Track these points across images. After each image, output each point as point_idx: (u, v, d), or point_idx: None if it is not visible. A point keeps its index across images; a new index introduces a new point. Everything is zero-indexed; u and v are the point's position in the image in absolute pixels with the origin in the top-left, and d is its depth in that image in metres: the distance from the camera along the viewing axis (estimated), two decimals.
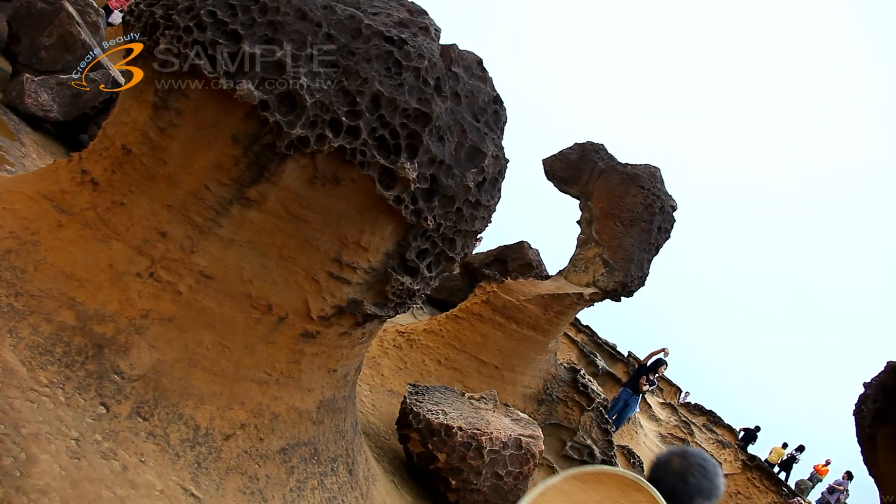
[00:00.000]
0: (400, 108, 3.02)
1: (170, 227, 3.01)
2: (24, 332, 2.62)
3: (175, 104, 2.99)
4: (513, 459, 4.79)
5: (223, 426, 2.99)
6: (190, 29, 2.91)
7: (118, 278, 2.92)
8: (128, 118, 3.17)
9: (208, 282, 3.05)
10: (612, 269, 7.52)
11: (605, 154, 8.04)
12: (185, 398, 2.90)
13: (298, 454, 3.31)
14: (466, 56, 3.50)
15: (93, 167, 3.16)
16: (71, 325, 2.75)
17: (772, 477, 12.88)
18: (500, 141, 3.61)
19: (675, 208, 7.86)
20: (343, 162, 3.02)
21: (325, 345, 3.46)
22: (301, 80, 2.88)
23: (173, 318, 2.97)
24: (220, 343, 3.07)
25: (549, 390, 7.71)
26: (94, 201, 3.05)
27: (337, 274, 3.26)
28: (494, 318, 7.43)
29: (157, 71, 3.01)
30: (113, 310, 2.86)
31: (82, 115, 6.53)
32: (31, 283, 2.78)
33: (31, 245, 2.91)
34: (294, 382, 3.36)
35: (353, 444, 3.91)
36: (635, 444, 13.31)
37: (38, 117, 6.24)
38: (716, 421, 21.76)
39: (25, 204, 3.09)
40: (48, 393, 2.50)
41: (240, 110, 2.92)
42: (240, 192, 3.02)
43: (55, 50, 7.01)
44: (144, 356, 2.85)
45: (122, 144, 3.10)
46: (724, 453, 17.92)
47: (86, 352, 2.72)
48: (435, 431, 4.71)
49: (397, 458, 5.16)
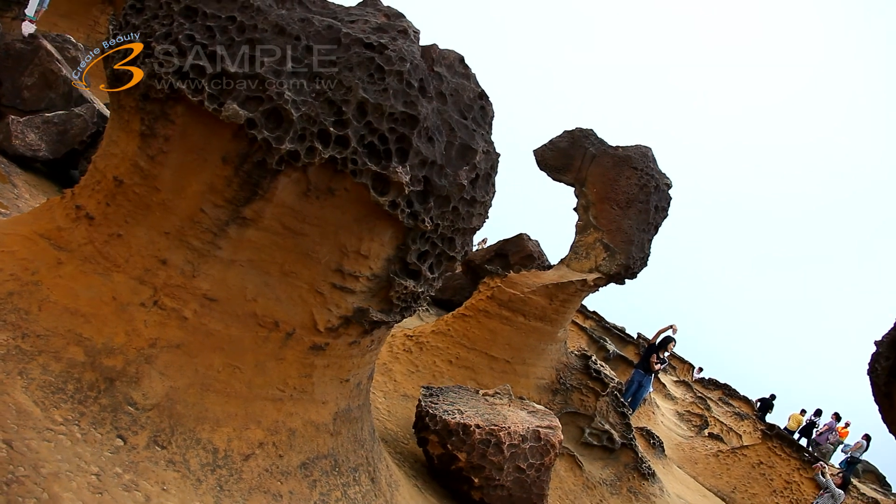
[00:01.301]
0: (386, 112, 3.02)
1: (169, 254, 3.00)
2: (34, 373, 2.62)
3: (162, 131, 2.99)
4: (533, 452, 4.79)
5: (241, 447, 2.99)
6: (170, 55, 2.91)
7: (123, 310, 2.92)
8: (117, 149, 3.17)
9: (213, 304, 3.05)
10: (613, 252, 7.51)
11: (595, 139, 8.03)
12: (200, 422, 2.90)
13: (319, 467, 3.31)
14: (448, 55, 3.49)
15: (86, 202, 3.16)
16: (80, 361, 2.75)
17: (793, 444, 12.88)
18: (490, 136, 3.61)
19: (669, 186, 7.86)
20: (335, 172, 3.02)
21: (335, 356, 3.46)
22: (285, 94, 2.87)
23: (181, 345, 2.97)
24: (230, 364, 3.07)
25: (563, 379, 7.71)
26: (91, 236, 3.05)
27: (340, 284, 3.26)
28: (501, 313, 7.43)
29: (141, 99, 3.00)
30: (120, 342, 2.86)
31: (71, 150, 6.52)
32: (36, 323, 2.78)
33: (33, 285, 2.91)
34: (308, 396, 3.36)
35: (373, 451, 3.91)
36: (653, 424, 13.33)
37: (27, 158, 6.24)
38: (731, 393, 21.79)
39: (23, 245, 3.09)
40: (64, 431, 2.50)
41: (227, 131, 2.92)
42: (235, 212, 3.02)
43: (38, 89, 7.01)
44: (156, 385, 2.85)
45: (114, 176, 3.10)
46: (742, 425, 17.94)
47: (98, 386, 2.72)
48: (453, 431, 4.71)
49: (418, 461, 5.16)
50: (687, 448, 13.43)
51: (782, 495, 11.98)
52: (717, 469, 12.52)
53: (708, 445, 13.54)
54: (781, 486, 12.07)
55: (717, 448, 13.25)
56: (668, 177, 7.87)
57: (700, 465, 12.57)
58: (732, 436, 16.42)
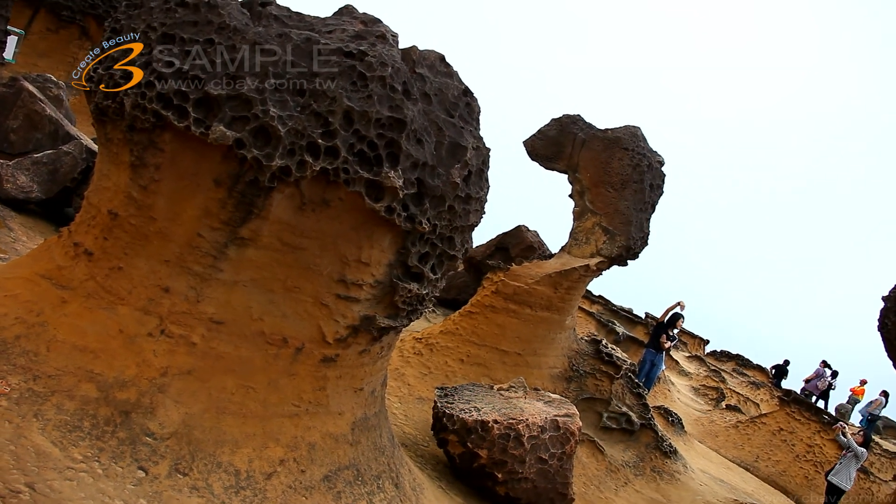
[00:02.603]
0: (373, 119, 3.02)
1: (171, 282, 3.01)
2: (49, 414, 2.62)
3: (152, 160, 2.99)
4: (553, 441, 4.79)
5: (263, 466, 2.99)
6: (152, 83, 2.91)
7: (131, 342, 2.92)
8: (109, 183, 3.17)
9: (220, 327, 3.05)
10: (612, 235, 7.51)
11: (583, 124, 8.02)
12: (220, 446, 2.90)
13: (342, 478, 3.32)
14: (428, 55, 3.49)
15: (84, 238, 3.16)
16: (94, 397, 2.75)
17: (811, 407, 12.88)
18: (478, 131, 3.61)
19: (662, 163, 7.85)
20: (328, 183, 3.02)
21: (346, 366, 3.46)
22: (270, 111, 2.87)
23: (193, 370, 2.97)
24: (243, 385, 3.07)
25: (575, 366, 7.71)
26: (92, 271, 3.05)
27: (344, 294, 3.26)
28: (507, 307, 7.43)
29: (128, 131, 3.01)
30: (132, 374, 2.86)
31: (63, 189, 6.52)
32: (46, 363, 2.78)
33: (39, 326, 2.91)
34: (324, 409, 3.36)
35: (394, 457, 3.91)
36: (670, 402, 13.34)
37: (20, 200, 6.24)
38: (745, 363, 21.80)
39: (25, 287, 3.09)
40: (85, 468, 2.50)
41: (216, 153, 2.92)
42: (233, 233, 3.02)
43: (23, 131, 7.01)
44: (172, 413, 2.85)
45: (109, 210, 3.10)
46: (758, 393, 17.94)
47: (114, 420, 2.72)
48: (471, 429, 4.71)
49: (440, 463, 5.16)
50: (706, 422, 13.44)
51: (805, 459, 11.99)
52: (737, 440, 12.52)
53: (727, 417, 13.54)
54: (804, 450, 12.08)
55: (735, 419, 13.25)
56: (660, 154, 7.87)
57: (721, 437, 12.58)
58: (750, 405, 16.42)
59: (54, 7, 13.88)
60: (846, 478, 8.74)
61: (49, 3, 13.81)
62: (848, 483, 8.76)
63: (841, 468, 8.81)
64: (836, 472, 8.85)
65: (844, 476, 8.74)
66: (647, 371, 9.92)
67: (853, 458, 8.70)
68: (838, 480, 8.77)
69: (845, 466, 8.77)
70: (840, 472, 8.79)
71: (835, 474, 8.85)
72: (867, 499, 11.22)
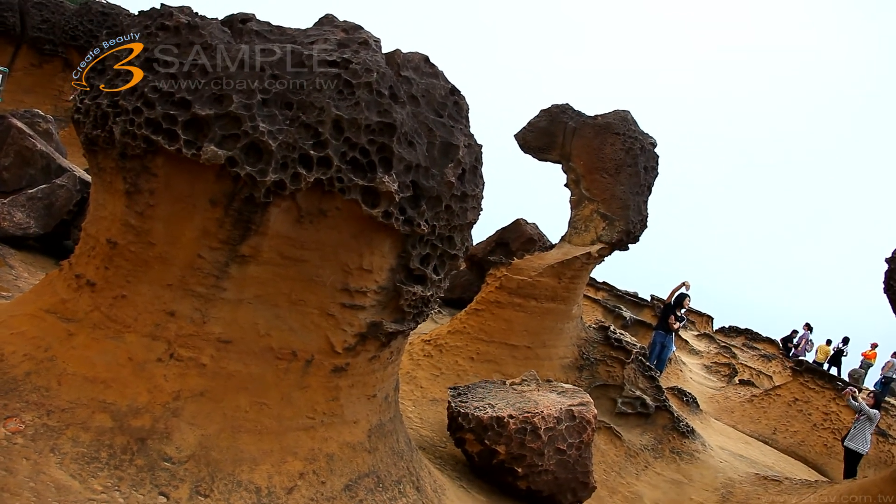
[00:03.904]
0: (363, 125, 3.02)
1: (176, 305, 3.01)
2: (66, 447, 2.62)
3: (146, 185, 2.99)
4: (570, 431, 4.79)
5: (283, 481, 2.99)
6: (139, 109, 2.91)
7: (141, 369, 2.92)
8: (105, 212, 3.17)
9: (228, 346, 3.05)
10: (611, 220, 7.51)
11: (572, 112, 8.02)
12: (238, 464, 2.90)
13: (363, 486, 3.32)
14: (412, 57, 3.49)
15: (85, 269, 3.16)
16: (109, 426, 2.75)
17: (824, 375, 12.86)
18: (469, 129, 3.61)
19: (654, 145, 7.84)
20: (323, 193, 3.02)
21: (357, 374, 3.46)
22: (260, 126, 2.87)
23: (205, 392, 2.97)
24: (256, 402, 3.07)
25: (586, 354, 7.71)
26: (96, 302, 3.05)
27: (349, 303, 3.26)
28: (513, 301, 7.43)
29: (119, 158, 3.01)
30: (144, 400, 2.86)
31: (60, 222, 6.53)
32: (58, 397, 2.79)
33: (48, 361, 2.91)
34: (339, 419, 3.36)
35: (413, 461, 3.91)
36: (683, 381, 13.32)
37: (18, 237, 6.25)
38: (754, 337, 21.78)
39: (31, 323, 3.09)
40: (106, 498, 2.51)
41: (210, 173, 2.92)
42: (233, 251, 3.02)
43: (16, 168, 7.01)
44: (188, 436, 2.85)
45: (107, 239, 3.10)
46: (770, 366, 17.93)
47: (130, 448, 2.72)
48: (488, 426, 4.71)
49: (459, 462, 5.16)
50: (720, 399, 13.42)
51: (823, 427, 11.97)
52: (754, 414, 12.50)
53: (741, 392, 13.53)
54: (820, 418, 12.06)
55: (750, 393, 13.24)
56: (652, 136, 7.86)
57: (736, 413, 12.56)
58: (763, 378, 16.41)
59: (36, 42, 13.90)
60: (862, 441, 8.75)
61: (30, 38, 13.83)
62: (865, 446, 8.77)
63: (856, 432, 8.82)
64: (852, 436, 8.85)
65: (861, 440, 8.75)
66: (657, 353, 9.92)
67: (866, 420, 8.71)
68: (855, 445, 8.79)
69: (860, 430, 8.77)
70: (856, 437, 8.80)
71: (850, 439, 8.86)
72: (887, 460, 11.21)
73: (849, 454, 8.98)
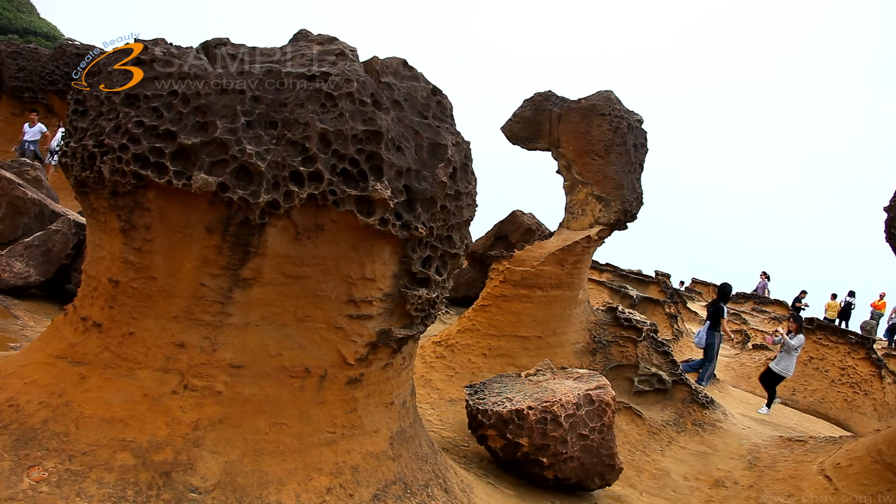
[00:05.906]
0: (349, 136, 3.02)
1: (185, 336, 3.01)
2: (91, 490, 2.62)
3: (141, 221, 2.99)
4: (590, 415, 4.79)
5: (311, 498, 2.99)
6: (125, 146, 2.91)
7: (157, 403, 2.92)
8: (103, 252, 3.18)
9: (241, 371, 3.05)
10: (607, 201, 7.51)
11: (556, 98, 8.02)
12: (265, 487, 2.90)
13: (391, 494, 3.32)
14: (390, 62, 3.49)
15: (90, 311, 3.16)
16: (132, 464, 2.75)
17: (836, 331, 12.87)
18: (454, 127, 3.60)
19: (641, 121, 7.84)
20: (318, 208, 3.02)
21: (372, 383, 3.46)
22: (247, 149, 2.87)
23: (223, 419, 2.97)
24: (276, 423, 3.08)
25: (597, 337, 7.71)
26: (105, 342, 3.06)
27: (356, 314, 3.26)
28: (518, 293, 7.43)
29: (111, 197, 3.01)
30: (164, 434, 2.86)
31: (60, 267, 6.53)
32: (78, 441, 2.79)
33: (64, 406, 2.91)
34: (359, 430, 3.37)
35: (438, 463, 3.91)
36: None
37: (20, 287, 6.25)
38: (762, 300, 21.77)
39: (43, 371, 3.09)
40: None
41: (203, 201, 2.92)
42: (235, 276, 3.02)
43: (10, 218, 7.02)
44: (211, 465, 2.85)
45: (108, 278, 3.10)
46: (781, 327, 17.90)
47: (156, 483, 2.73)
48: (508, 420, 4.71)
49: (484, 459, 5.16)
50: (736, 366, 13.42)
51: (841, 382, 11.98)
52: None
53: (755, 358, 13.53)
54: (837, 374, 12.06)
55: (764, 357, 13.22)
56: (638, 113, 7.86)
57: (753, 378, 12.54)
58: None
59: (15, 91, 13.92)
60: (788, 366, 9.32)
61: (9, 88, 13.84)
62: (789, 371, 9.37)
63: (781, 359, 9.39)
64: (778, 361, 9.41)
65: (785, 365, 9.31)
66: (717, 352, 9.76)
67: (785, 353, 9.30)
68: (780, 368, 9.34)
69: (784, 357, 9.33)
70: (781, 362, 9.36)
71: (777, 363, 9.41)
72: None
73: (774, 376, 9.47)
